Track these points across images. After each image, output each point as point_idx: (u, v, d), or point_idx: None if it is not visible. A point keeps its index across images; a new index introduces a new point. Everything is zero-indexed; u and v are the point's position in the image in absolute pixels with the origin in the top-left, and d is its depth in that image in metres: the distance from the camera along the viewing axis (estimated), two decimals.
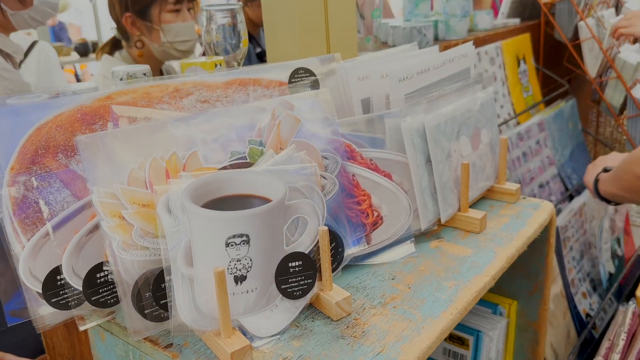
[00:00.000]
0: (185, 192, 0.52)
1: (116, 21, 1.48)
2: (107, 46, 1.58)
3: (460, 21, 1.34)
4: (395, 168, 0.73)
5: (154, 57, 1.49)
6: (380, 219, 0.72)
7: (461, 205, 0.78)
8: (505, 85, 1.43)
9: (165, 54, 1.47)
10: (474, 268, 0.68)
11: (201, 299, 0.53)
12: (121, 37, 1.51)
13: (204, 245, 0.53)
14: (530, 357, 0.92)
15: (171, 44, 1.45)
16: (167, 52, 1.46)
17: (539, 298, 0.87)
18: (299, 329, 0.57)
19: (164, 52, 1.46)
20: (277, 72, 0.75)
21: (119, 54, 1.52)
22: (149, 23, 1.43)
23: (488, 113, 0.84)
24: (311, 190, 0.60)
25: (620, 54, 1.69)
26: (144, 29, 1.44)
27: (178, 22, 1.44)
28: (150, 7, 1.42)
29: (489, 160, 0.84)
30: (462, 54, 0.84)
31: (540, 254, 0.84)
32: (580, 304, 1.25)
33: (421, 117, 0.73)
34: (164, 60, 1.53)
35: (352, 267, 0.69)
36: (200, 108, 0.67)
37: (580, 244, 1.29)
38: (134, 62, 1.50)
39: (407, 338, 0.55)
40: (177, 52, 1.46)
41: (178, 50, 1.46)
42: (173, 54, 1.47)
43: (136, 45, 1.47)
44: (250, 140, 0.61)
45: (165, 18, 1.43)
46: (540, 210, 0.81)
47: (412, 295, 0.63)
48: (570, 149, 1.55)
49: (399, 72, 0.75)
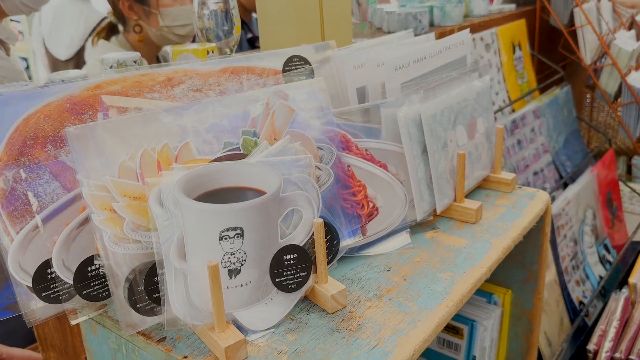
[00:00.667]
0: (177, 185, 0.51)
1: (113, 5, 1.45)
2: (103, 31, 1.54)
3: (455, 7, 1.32)
4: (391, 158, 0.72)
5: (152, 42, 1.46)
6: (375, 209, 0.71)
7: (457, 196, 0.77)
8: (500, 72, 1.42)
9: (163, 38, 1.44)
10: (469, 259, 0.67)
11: (194, 292, 0.52)
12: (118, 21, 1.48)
13: (197, 238, 0.52)
14: (525, 345, 0.92)
15: (169, 29, 1.42)
16: (166, 36, 1.43)
17: (533, 287, 0.87)
18: (294, 322, 0.57)
19: (162, 36, 1.43)
20: (271, 60, 0.73)
21: (116, 39, 1.49)
22: (146, 7, 1.40)
23: (484, 102, 0.83)
24: (306, 182, 0.59)
25: (615, 41, 1.68)
26: (142, 13, 1.41)
27: (176, 5, 1.41)
28: None
29: (484, 149, 0.83)
30: (458, 41, 0.83)
31: (535, 243, 0.83)
32: (573, 291, 1.26)
33: (417, 106, 0.72)
34: (162, 45, 1.50)
35: (348, 258, 0.69)
36: (192, 97, 0.66)
37: (573, 232, 1.30)
38: (132, 48, 1.47)
39: (403, 331, 0.55)
40: (176, 37, 1.44)
41: (177, 34, 1.43)
42: (171, 39, 1.44)
43: (134, 30, 1.44)
44: (244, 130, 0.60)
45: (163, 2, 1.40)
46: (536, 200, 0.80)
47: (408, 287, 0.62)
48: (565, 136, 1.55)
49: (395, 60, 0.74)
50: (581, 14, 1.62)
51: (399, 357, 0.52)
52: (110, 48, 1.46)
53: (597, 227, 1.42)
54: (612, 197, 1.55)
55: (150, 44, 1.46)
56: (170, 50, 0.85)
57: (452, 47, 0.82)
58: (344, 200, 0.68)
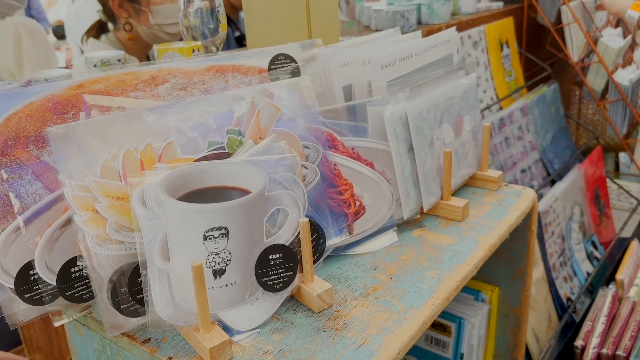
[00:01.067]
0: (160, 185, 0.51)
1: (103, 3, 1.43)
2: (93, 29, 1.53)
3: (443, 5, 1.32)
4: (378, 157, 0.72)
5: (143, 41, 1.45)
6: (362, 208, 0.71)
7: (443, 194, 0.77)
8: (488, 70, 1.43)
9: (154, 37, 1.43)
10: (456, 257, 0.67)
11: (178, 293, 0.52)
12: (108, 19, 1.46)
13: (181, 239, 0.51)
14: (512, 342, 0.93)
15: (160, 27, 1.40)
16: (156, 35, 1.42)
17: (520, 284, 0.87)
18: (280, 321, 0.57)
19: (152, 35, 1.42)
20: (256, 58, 0.73)
21: (106, 38, 1.48)
22: (137, 5, 1.38)
23: (471, 100, 0.83)
24: (292, 181, 0.58)
25: (602, 38, 1.69)
26: (132, 11, 1.40)
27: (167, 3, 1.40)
28: None
29: (471, 147, 0.83)
30: (445, 39, 0.83)
31: (522, 240, 0.84)
32: (561, 288, 1.27)
33: (403, 104, 0.72)
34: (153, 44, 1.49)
35: (334, 257, 0.68)
36: (177, 96, 0.65)
37: (561, 229, 1.30)
38: (122, 46, 1.46)
39: (389, 330, 0.55)
40: (167, 35, 1.42)
41: (167, 33, 1.42)
42: (162, 37, 1.43)
43: (124, 28, 1.43)
44: (229, 129, 0.60)
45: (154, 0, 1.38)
46: (522, 198, 0.81)
47: (394, 286, 0.62)
48: (552, 133, 1.55)
49: (381, 58, 0.73)
50: (568, 11, 1.63)
51: (384, 355, 0.52)
52: (100, 47, 1.45)
53: (584, 224, 1.42)
54: (600, 193, 1.56)
55: (140, 43, 1.45)
56: (155, 48, 0.85)
57: (439, 45, 0.82)
58: (331, 199, 0.68)
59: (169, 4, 1.37)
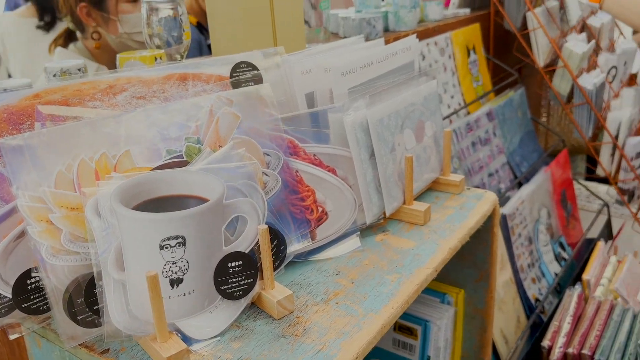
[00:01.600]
0: (114, 194, 0.50)
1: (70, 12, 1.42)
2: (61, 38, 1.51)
3: (409, 12, 1.34)
4: (340, 163, 0.73)
5: (112, 49, 1.44)
6: (325, 214, 0.71)
7: (406, 198, 0.78)
8: (455, 76, 1.45)
9: (123, 45, 1.42)
10: (416, 261, 0.68)
11: (135, 303, 0.52)
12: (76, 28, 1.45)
13: (136, 248, 0.51)
14: (479, 344, 0.94)
15: (129, 35, 1.40)
16: (125, 43, 1.41)
17: (485, 286, 0.89)
18: (240, 329, 0.57)
19: (121, 43, 1.41)
20: (217, 66, 0.73)
21: (74, 46, 1.46)
22: (105, 14, 1.37)
23: (432, 106, 0.84)
24: (251, 188, 0.59)
25: (567, 44, 1.73)
26: (100, 20, 1.39)
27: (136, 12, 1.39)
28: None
29: (433, 152, 0.85)
30: (405, 47, 0.84)
31: (485, 243, 0.85)
32: (529, 289, 1.29)
33: (364, 111, 0.73)
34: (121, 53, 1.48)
35: (298, 263, 0.69)
36: (135, 105, 0.65)
37: (528, 231, 1.33)
38: (90, 55, 1.45)
39: (348, 334, 0.55)
40: (136, 44, 1.42)
41: (136, 41, 1.41)
42: (131, 46, 1.42)
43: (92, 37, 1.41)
44: (187, 137, 0.60)
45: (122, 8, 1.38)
46: (483, 201, 0.82)
47: (355, 290, 0.63)
48: (520, 137, 1.58)
49: (342, 66, 0.74)
50: (533, 17, 1.67)
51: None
52: (68, 55, 1.43)
53: (552, 226, 1.45)
54: (567, 195, 1.60)
55: (109, 51, 1.44)
56: (118, 57, 0.84)
57: (399, 52, 0.83)
58: (293, 205, 0.69)
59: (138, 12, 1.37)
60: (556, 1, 1.91)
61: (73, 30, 1.46)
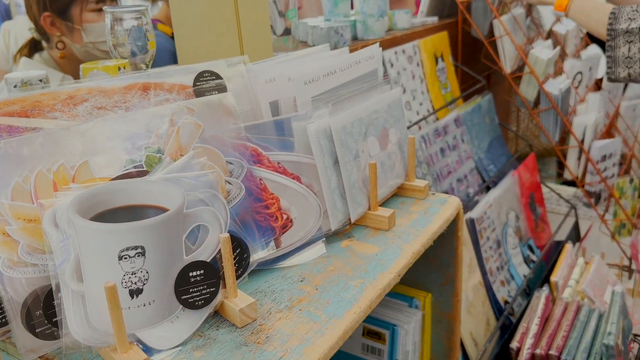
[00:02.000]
0: (71, 205, 0.50)
1: (34, 21, 1.40)
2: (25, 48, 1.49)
3: (377, 21, 1.36)
4: (304, 170, 0.74)
5: (77, 59, 1.42)
6: (289, 221, 0.72)
7: (371, 204, 0.79)
8: (423, 83, 1.47)
9: (88, 54, 1.41)
10: (380, 265, 0.69)
11: (94, 314, 0.52)
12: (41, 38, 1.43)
13: (94, 259, 0.51)
14: (447, 346, 0.95)
15: (94, 45, 1.39)
16: (91, 52, 1.40)
17: (451, 290, 0.90)
18: (202, 338, 0.57)
19: (87, 53, 1.40)
20: (180, 75, 0.73)
21: (39, 56, 1.44)
22: (69, 23, 1.36)
23: (396, 113, 0.85)
24: (212, 197, 0.59)
25: (532, 50, 1.77)
26: (65, 29, 1.38)
27: (101, 21, 1.38)
28: (70, 6, 1.35)
29: (398, 158, 0.86)
30: (368, 55, 0.85)
31: (450, 247, 0.87)
32: (498, 291, 1.31)
33: (327, 119, 0.74)
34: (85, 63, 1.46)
35: (263, 271, 0.69)
36: (97, 115, 0.65)
37: (497, 234, 1.35)
38: (56, 65, 1.43)
39: (310, 340, 0.56)
40: (101, 53, 1.41)
41: (102, 50, 1.40)
42: (97, 55, 1.41)
43: (57, 47, 1.40)
44: (147, 147, 0.60)
45: (87, 17, 1.37)
46: (447, 206, 0.84)
47: (319, 297, 0.63)
48: (488, 142, 1.61)
49: (304, 75, 0.75)
50: (500, 25, 1.70)
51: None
52: (33, 65, 1.41)
53: (520, 229, 1.48)
54: (535, 199, 1.63)
55: (75, 61, 1.42)
56: (81, 67, 0.84)
57: (362, 61, 0.85)
58: (257, 213, 0.69)
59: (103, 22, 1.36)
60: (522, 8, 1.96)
61: (38, 40, 1.44)
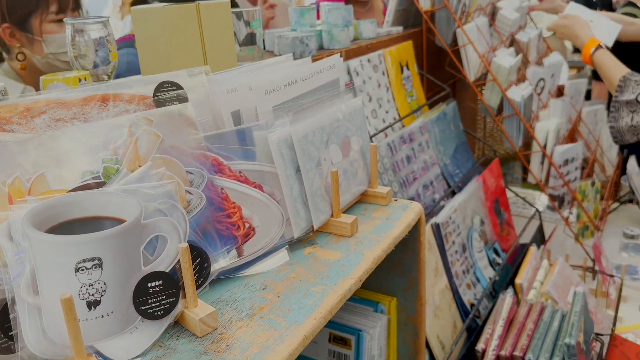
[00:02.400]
0: (26, 217, 0.50)
1: None
2: None
3: (342, 31, 1.38)
4: (266, 179, 0.74)
5: (38, 70, 1.41)
6: (252, 230, 0.72)
7: (333, 211, 0.80)
8: (389, 91, 1.50)
9: (49, 66, 1.40)
10: (342, 271, 0.70)
11: (51, 327, 0.51)
12: (1, 49, 1.41)
13: (50, 272, 0.51)
14: (413, 350, 0.96)
15: (55, 56, 1.37)
16: (52, 64, 1.39)
17: (415, 293, 0.91)
18: (162, 349, 0.57)
19: (48, 64, 1.39)
20: (140, 86, 0.73)
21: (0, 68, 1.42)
22: (29, 34, 1.35)
23: (357, 121, 0.87)
24: (171, 207, 0.59)
25: (495, 58, 1.82)
26: (25, 41, 1.36)
27: (61, 32, 1.37)
28: (30, 18, 1.34)
29: (360, 166, 0.87)
30: (329, 65, 0.87)
31: (412, 251, 0.88)
32: (465, 294, 1.33)
33: (288, 128, 0.75)
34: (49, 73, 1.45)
35: (225, 280, 0.69)
36: (55, 127, 0.65)
37: (462, 239, 1.38)
38: (17, 76, 1.41)
39: (270, 348, 0.56)
40: (63, 64, 1.39)
41: (63, 61, 1.39)
42: (59, 66, 1.40)
43: (17, 58, 1.38)
44: (105, 159, 0.60)
45: (47, 29, 1.36)
46: (408, 211, 0.85)
47: (280, 304, 0.64)
48: (453, 148, 1.64)
49: (265, 85, 0.76)
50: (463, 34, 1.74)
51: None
52: None
53: (485, 232, 1.51)
54: (500, 203, 1.66)
55: (36, 72, 1.41)
56: (41, 79, 0.83)
57: (324, 70, 0.86)
58: (219, 222, 0.69)
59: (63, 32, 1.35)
60: (485, 17, 2.01)
61: None
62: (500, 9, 2.11)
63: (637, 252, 1.90)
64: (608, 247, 1.91)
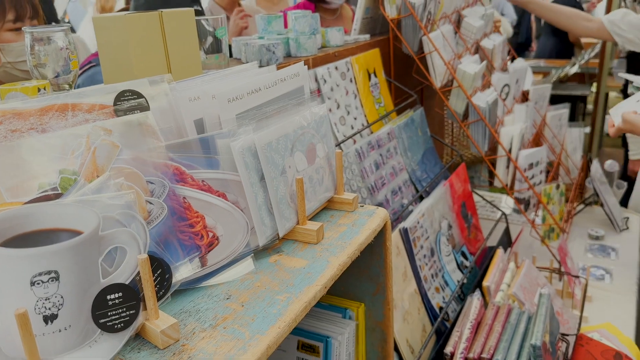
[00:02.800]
0: None
1: None
2: None
3: (309, 39, 1.38)
4: (230, 187, 0.74)
5: None
6: (215, 239, 0.72)
7: (299, 218, 0.80)
8: (357, 98, 1.51)
9: (8, 75, 1.37)
10: (307, 279, 0.70)
11: (6, 343, 0.50)
12: None
13: (4, 286, 0.49)
14: (381, 355, 0.97)
15: (13, 65, 1.35)
16: (10, 73, 1.36)
17: (382, 298, 0.92)
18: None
19: (6, 73, 1.36)
20: (100, 95, 0.72)
21: None
22: None
23: (323, 128, 0.87)
24: (130, 218, 0.58)
25: (460, 65, 1.85)
26: None
27: (19, 41, 1.35)
28: None
29: (326, 173, 0.88)
30: (293, 73, 0.87)
31: (379, 257, 0.89)
32: (433, 298, 1.35)
33: (251, 136, 0.74)
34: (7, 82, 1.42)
35: (189, 290, 0.69)
36: (11, 138, 0.63)
37: (430, 243, 1.39)
38: None
39: (233, 358, 0.56)
40: (22, 73, 1.37)
41: (22, 70, 1.36)
42: (17, 75, 1.37)
43: None
44: (62, 169, 0.59)
45: (4, 37, 1.33)
46: (374, 217, 0.86)
47: (244, 313, 0.64)
48: (421, 153, 1.66)
49: (228, 92, 0.76)
50: (429, 41, 1.77)
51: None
52: None
53: (453, 236, 1.53)
54: (467, 206, 1.69)
55: None
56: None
57: (288, 78, 0.86)
58: (181, 232, 0.69)
59: (22, 41, 1.33)
60: (450, 25, 2.04)
61: None
62: (465, 17, 2.15)
63: (602, 252, 1.95)
64: (573, 248, 1.95)
